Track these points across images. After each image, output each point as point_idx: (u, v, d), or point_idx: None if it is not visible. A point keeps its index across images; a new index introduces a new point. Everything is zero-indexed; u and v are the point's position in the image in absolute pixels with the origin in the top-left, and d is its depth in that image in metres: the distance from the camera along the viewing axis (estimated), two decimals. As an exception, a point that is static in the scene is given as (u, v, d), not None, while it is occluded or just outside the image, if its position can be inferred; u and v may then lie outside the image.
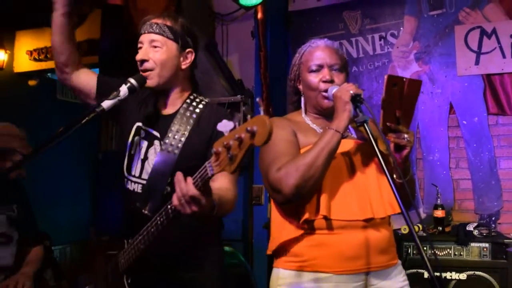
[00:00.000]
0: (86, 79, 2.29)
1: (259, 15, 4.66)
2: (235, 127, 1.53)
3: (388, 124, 1.90)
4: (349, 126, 2.17)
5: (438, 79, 4.52)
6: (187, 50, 2.21)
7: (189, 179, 1.66)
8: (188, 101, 2.22)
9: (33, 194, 3.33)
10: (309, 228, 1.99)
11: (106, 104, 1.99)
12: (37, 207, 3.35)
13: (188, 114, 2.18)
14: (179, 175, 1.68)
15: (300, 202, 1.97)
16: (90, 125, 1.98)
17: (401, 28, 4.69)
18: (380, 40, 4.76)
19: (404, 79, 1.88)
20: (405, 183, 1.83)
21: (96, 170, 6.00)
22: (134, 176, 2.19)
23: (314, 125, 2.14)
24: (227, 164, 1.52)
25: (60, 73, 2.29)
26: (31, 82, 6.86)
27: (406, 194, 1.82)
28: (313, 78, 2.11)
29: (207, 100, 2.26)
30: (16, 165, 2.23)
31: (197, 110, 2.19)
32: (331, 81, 2.08)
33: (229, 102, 4.58)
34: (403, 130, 1.92)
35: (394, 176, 1.94)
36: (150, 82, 2.14)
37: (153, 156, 2.16)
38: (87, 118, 1.95)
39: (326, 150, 1.89)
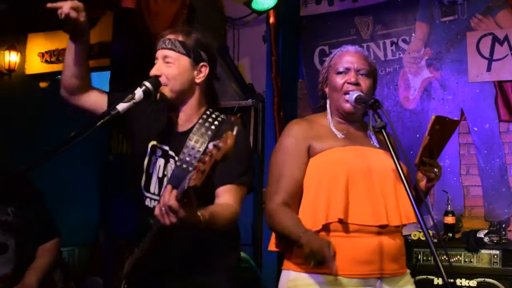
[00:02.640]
0: (96, 99, 2.22)
1: (271, 20, 4.66)
2: None
3: (423, 159, 2.01)
4: (371, 135, 2.22)
5: (449, 85, 4.51)
6: (201, 64, 2.19)
7: (174, 191, 1.71)
8: (204, 116, 2.20)
9: (42, 195, 3.33)
10: (323, 230, 2.00)
11: (121, 107, 1.99)
12: (46, 208, 3.36)
13: (204, 131, 2.16)
14: (169, 187, 1.74)
15: (313, 206, 2.02)
16: (101, 127, 1.98)
17: (413, 34, 4.68)
18: (391, 45, 4.76)
19: (447, 119, 1.98)
20: (426, 205, 1.98)
21: (106, 172, 6.01)
22: (153, 194, 2.21)
23: (336, 130, 2.17)
24: (199, 177, 1.57)
25: (69, 94, 2.19)
26: (42, 84, 6.91)
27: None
28: (339, 80, 2.16)
29: (222, 117, 2.24)
30: (32, 166, 2.24)
31: (213, 127, 2.17)
32: (356, 84, 2.12)
33: (240, 106, 4.60)
34: (434, 164, 2.04)
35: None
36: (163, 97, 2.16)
37: (169, 174, 2.17)
38: (102, 121, 1.95)
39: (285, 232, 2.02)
